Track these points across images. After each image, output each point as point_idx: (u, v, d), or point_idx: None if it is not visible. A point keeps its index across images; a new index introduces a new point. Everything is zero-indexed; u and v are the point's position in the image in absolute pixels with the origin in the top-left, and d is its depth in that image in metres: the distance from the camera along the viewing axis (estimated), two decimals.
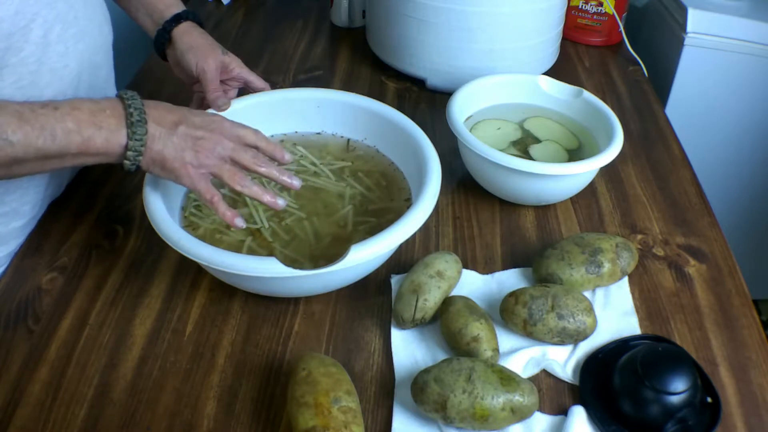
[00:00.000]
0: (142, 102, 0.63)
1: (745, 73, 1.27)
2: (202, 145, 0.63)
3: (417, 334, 0.68)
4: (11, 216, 0.74)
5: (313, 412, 0.54)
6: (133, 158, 0.62)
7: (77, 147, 0.60)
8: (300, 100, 0.84)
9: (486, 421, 0.56)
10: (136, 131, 0.61)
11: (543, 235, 0.81)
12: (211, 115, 0.67)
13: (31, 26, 0.66)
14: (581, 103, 0.88)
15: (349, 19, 1.27)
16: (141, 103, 0.62)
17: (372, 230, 0.70)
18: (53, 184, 0.80)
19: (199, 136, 0.64)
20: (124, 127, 0.61)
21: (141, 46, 1.16)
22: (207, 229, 0.72)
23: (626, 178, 0.91)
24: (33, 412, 0.60)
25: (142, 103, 0.63)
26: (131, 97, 0.62)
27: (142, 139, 0.61)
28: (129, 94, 0.63)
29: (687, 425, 0.58)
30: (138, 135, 0.61)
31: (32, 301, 0.70)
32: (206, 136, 0.64)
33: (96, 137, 0.60)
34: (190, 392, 0.62)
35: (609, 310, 0.71)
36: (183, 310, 0.70)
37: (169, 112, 0.64)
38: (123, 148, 0.61)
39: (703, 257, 0.78)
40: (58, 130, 0.58)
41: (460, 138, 0.80)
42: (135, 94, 0.63)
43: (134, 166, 0.63)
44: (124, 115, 0.61)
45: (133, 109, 0.61)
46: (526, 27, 1.02)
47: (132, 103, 0.62)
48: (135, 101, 0.62)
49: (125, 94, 0.63)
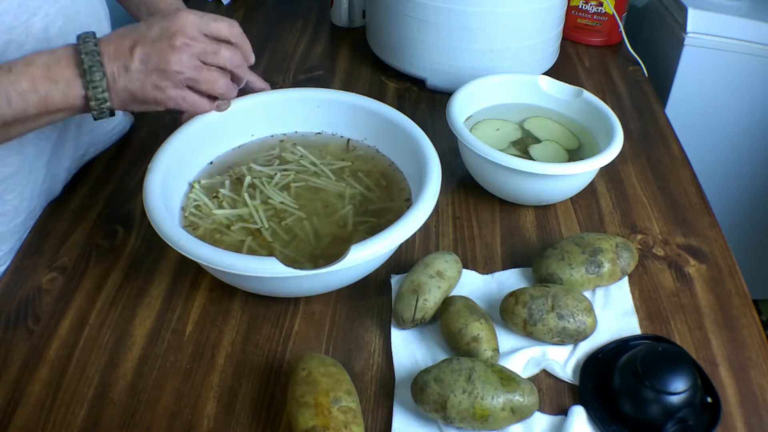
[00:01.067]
0: (95, 41, 0.57)
1: (745, 73, 1.27)
2: (167, 59, 0.58)
3: (417, 334, 0.68)
4: (12, 214, 0.74)
5: (313, 412, 0.54)
6: (98, 107, 0.58)
7: (36, 107, 0.56)
8: (300, 100, 0.84)
9: (486, 421, 0.56)
10: (92, 78, 0.56)
11: (543, 235, 0.81)
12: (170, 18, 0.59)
13: (33, 20, 0.66)
14: (581, 103, 0.88)
15: (349, 19, 1.27)
16: (94, 43, 0.57)
17: (372, 230, 0.70)
18: (49, 176, 0.79)
19: (161, 47, 0.58)
20: (78, 77, 0.57)
21: None
22: (207, 229, 0.72)
23: (626, 178, 0.91)
24: (33, 412, 0.60)
25: (96, 42, 0.57)
26: (84, 40, 0.57)
27: (101, 85, 0.57)
28: (82, 37, 0.58)
29: (687, 425, 0.58)
30: (95, 82, 0.57)
31: (32, 301, 0.70)
32: (169, 45, 0.58)
33: (53, 93, 0.56)
34: (190, 392, 0.62)
35: (609, 310, 0.71)
36: (183, 310, 0.70)
37: (124, 38, 0.58)
38: (84, 99, 0.57)
39: (703, 257, 0.78)
40: (12, 94, 0.55)
41: (460, 138, 0.80)
42: (90, 35, 0.58)
43: (105, 113, 0.59)
44: (76, 62, 0.57)
45: (84, 54, 0.56)
46: (526, 27, 1.02)
47: (83, 47, 0.57)
48: (87, 44, 0.57)
49: (79, 38, 0.58)
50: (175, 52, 0.58)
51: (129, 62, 0.57)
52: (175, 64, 0.58)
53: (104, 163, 0.89)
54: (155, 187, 0.67)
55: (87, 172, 0.87)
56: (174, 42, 0.57)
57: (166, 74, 0.58)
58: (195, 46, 0.58)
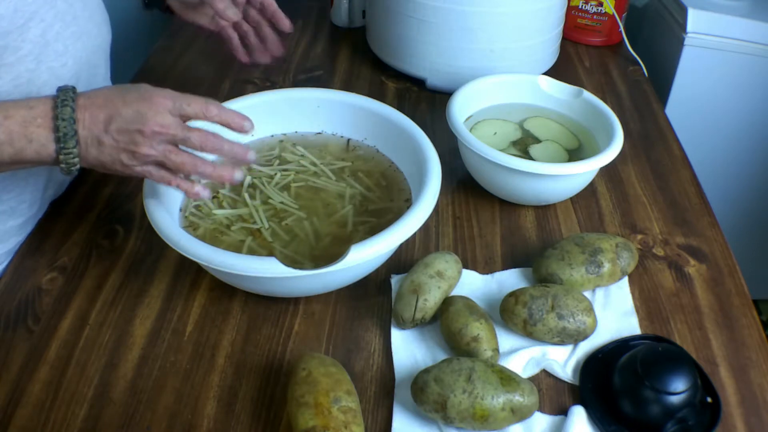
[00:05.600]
0: (74, 105, 0.59)
1: (745, 73, 1.27)
2: (138, 143, 0.59)
3: (417, 334, 0.68)
4: (8, 214, 0.74)
5: (313, 412, 0.54)
6: (67, 169, 0.60)
7: (10, 157, 0.59)
8: (300, 100, 0.84)
9: (486, 421, 0.56)
10: (65, 145, 0.58)
11: (543, 235, 0.81)
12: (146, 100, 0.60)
13: (29, 24, 0.66)
14: (581, 103, 0.88)
15: (349, 19, 1.27)
16: (72, 108, 0.59)
17: (372, 230, 0.70)
18: (53, 183, 0.80)
19: (134, 130, 0.59)
20: (53, 142, 0.59)
21: (141, 46, 1.16)
22: (207, 229, 0.72)
23: (626, 178, 0.91)
24: (33, 412, 0.60)
25: (74, 107, 0.59)
26: (62, 103, 0.59)
27: (73, 152, 0.59)
28: (61, 98, 0.59)
29: (687, 425, 0.58)
30: (67, 149, 0.59)
31: (32, 301, 0.70)
32: (140, 131, 0.59)
33: (27, 149, 0.59)
34: (190, 392, 0.62)
35: (609, 310, 0.71)
36: (183, 310, 0.70)
37: (101, 110, 0.59)
38: (55, 159, 0.60)
39: (703, 257, 0.78)
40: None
41: (460, 138, 0.80)
42: (68, 95, 0.59)
43: (73, 173, 0.61)
44: (52, 127, 0.59)
45: (61, 121, 0.58)
46: (526, 27, 1.02)
47: (61, 113, 0.58)
48: (65, 109, 0.58)
49: (58, 98, 0.59)
50: (146, 139, 0.59)
51: (102, 136, 0.59)
52: (145, 149, 0.59)
53: None
54: (155, 187, 0.67)
55: (87, 172, 0.87)
56: (145, 128, 0.59)
57: (135, 156, 0.60)
58: (165, 134, 0.60)
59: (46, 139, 0.59)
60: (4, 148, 0.58)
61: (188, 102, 0.61)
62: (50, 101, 0.59)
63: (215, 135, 0.62)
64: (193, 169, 0.62)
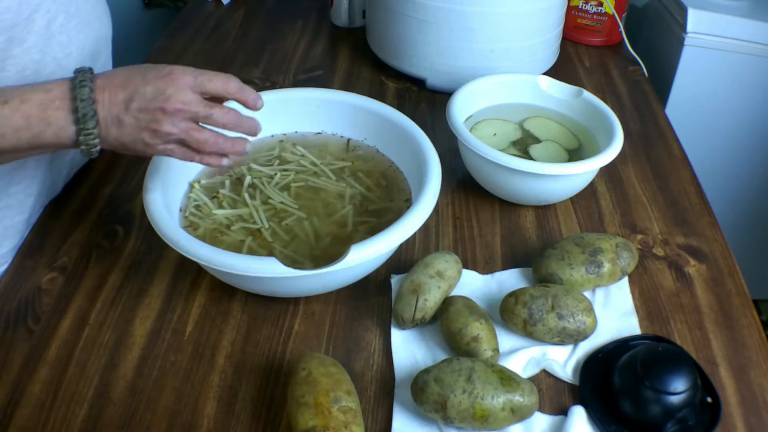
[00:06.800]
0: (92, 86, 0.58)
1: (745, 73, 1.27)
2: (159, 121, 0.58)
3: (417, 334, 0.68)
4: (16, 209, 0.74)
5: (313, 412, 0.54)
6: (87, 150, 0.59)
7: (28, 142, 0.58)
8: (300, 100, 0.84)
9: (486, 421, 0.56)
10: (84, 126, 0.57)
11: (543, 235, 0.81)
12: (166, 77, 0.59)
13: (34, 17, 0.67)
14: (581, 103, 0.88)
15: (349, 19, 1.27)
16: (91, 88, 0.58)
17: (372, 230, 0.70)
18: (52, 174, 0.80)
19: (155, 108, 0.58)
20: (72, 124, 0.58)
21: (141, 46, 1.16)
22: (207, 229, 0.72)
23: (626, 178, 0.91)
24: (33, 412, 0.60)
25: (93, 87, 0.58)
26: (80, 84, 0.58)
27: (93, 133, 0.58)
28: (79, 79, 0.58)
29: (687, 425, 0.58)
30: (88, 130, 0.57)
31: (32, 301, 0.70)
32: (162, 108, 0.58)
33: (46, 132, 0.57)
34: (190, 392, 0.62)
35: (609, 310, 0.71)
36: (183, 310, 0.70)
37: (119, 89, 0.59)
38: (75, 141, 0.59)
39: (703, 257, 0.78)
40: (7, 128, 0.56)
41: (460, 138, 0.80)
42: (86, 76, 0.58)
43: (94, 154, 0.60)
44: (71, 108, 0.57)
45: (79, 102, 0.57)
46: (526, 27, 1.02)
47: (79, 93, 0.57)
48: (83, 90, 0.57)
49: (76, 79, 0.58)
50: (167, 116, 0.58)
51: (122, 116, 0.58)
52: (167, 127, 0.59)
53: (104, 163, 0.89)
54: (155, 187, 0.67)
55: (87, 172, 0.87)
56: (167, 106, 0.58)
57: (157, 134, 0.59)
58: (187, 111, 0.59)
59: (65, 121, 0.57)
60: (22, 133, 0.57)
61: (209, 78, 0.60)
62: (67, 83, 0.58)
63: (235, 111, 0.62)
64: (215, 146, 0.61)
